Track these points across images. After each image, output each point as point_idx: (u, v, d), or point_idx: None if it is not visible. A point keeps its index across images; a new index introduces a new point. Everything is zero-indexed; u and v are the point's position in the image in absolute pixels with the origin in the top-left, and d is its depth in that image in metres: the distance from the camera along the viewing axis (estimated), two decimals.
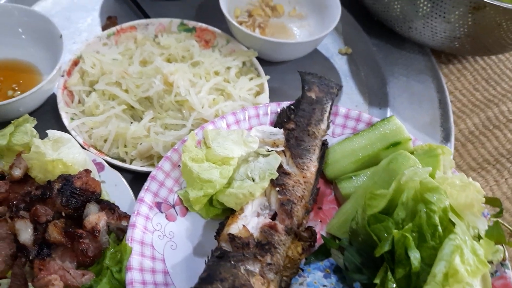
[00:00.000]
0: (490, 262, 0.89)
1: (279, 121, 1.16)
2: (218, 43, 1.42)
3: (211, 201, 1.04)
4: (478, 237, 0.89)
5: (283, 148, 1.08)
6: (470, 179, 0.90)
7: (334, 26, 1.38)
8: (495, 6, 1.22)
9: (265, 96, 1.28)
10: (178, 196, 1.04)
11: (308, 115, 1.14)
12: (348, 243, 0.97)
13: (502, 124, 1.43)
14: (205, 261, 0.92)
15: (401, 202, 0.90)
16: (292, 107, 1.17)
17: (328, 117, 1.17)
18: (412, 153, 1.04)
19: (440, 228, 0.84)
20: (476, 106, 1.48)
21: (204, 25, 1.42)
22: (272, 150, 1.07)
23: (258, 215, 0.98)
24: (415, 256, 0.83)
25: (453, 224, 0.85)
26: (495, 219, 0.92)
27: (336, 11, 1.42)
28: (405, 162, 0.98)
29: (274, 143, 1.10)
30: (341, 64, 1.52)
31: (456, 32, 1.34)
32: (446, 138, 1.34)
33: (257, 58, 1.37)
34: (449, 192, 0.88)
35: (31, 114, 1.13)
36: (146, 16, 1.51)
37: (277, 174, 1.01)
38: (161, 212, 1.02)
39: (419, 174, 0.88)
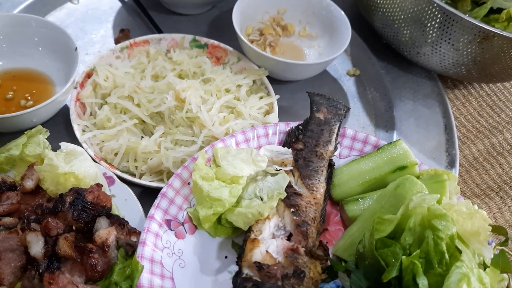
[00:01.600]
0: None
1: (288, 141, 1.18)
2: (229, 60, 1.44)
3: (219, 220, 1.05)
4: (484, 265, 0.91)
5: (291, 168, 1.10)
6: (476, 206, 0.92)
7: (344, 48, 1.40)
8: (504, 37, 1.25)
9: (274, 115, 1.30)
10: (187, 213, 1.05)
11: (316, 136, 1.16)
12: (355, 266, 0.98)
13: (506, 151, 1.45)
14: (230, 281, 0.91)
15: (408, 228, 0.91)
16: (301, 127, 1.19)
17: (336, 139, 1.18)
18: (418, 177, 1.06)
19: (447, 256, 0.85)
20: (480, 132, 1.50)
21: (216, 42, 1.43)
22: (280, 169, 1.08)
23: (274, 236, 0.99)
24: (423, 283, 0.84)
25: (460, 251, 0.86)
26: (501, 248, 0.93)
27: (347, 33, 1.44)
28: (412, 187, 0.99)
29: (283, 162, 1.11)
30: (349, 85, 1.54)
31: (463, 59, 1.36)
32: (451, 164, 1.36)
33: (267, 76, 1.38)
34: (456, 219, 0.89)
35: (43, 124, 1.14)
36: (159, 29, 1.53)
37: (285, 194, 1.02)
38: (171, 230, 1.03)
39: (427, 201, 0.89)
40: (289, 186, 1.05)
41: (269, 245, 0.95)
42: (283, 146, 1.17)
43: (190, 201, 1.07)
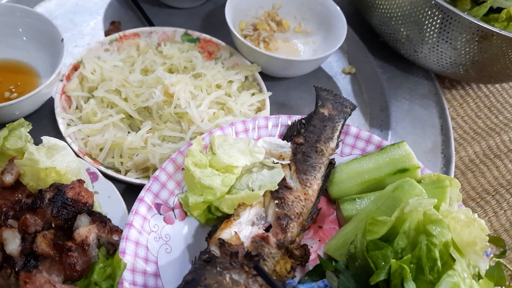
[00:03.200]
0: None
1: (289, 134, 1.15)
2: (221, 55, 1.40)
3: (210, 209, 1.03)
4: (478, 276, 0.87)
5: (288, 162, 1.07)
6: (476, 215, 0.88)
7: (340, 45, 1.37)
8: (503, 36, 1.22)
9: (266, 112, 1.26)
10: (178, 199, 1.03)
11: (318, 132, 1.13)
12: (345, 266, 0.95)
13: (503, 153, 1.42)
14: (192, 261, 0.90)
15: (402, 231, 0.87)
16: (304, 121, 1.16)
17: (339, 136, 1.15)
18: (419, 181, 1.03)
19: (439, 263, 0.82)
20: (477, 134, 1.47)
21: (208, 37, 1.40)
22: (277, 163, 1.05)
23: (253, 224, 0.97)
24: None
25: (454, 260, 0.83)
26: (497, 260, 0.89)
27: (342, 30, 1.41)
28: (411, 191, 0.96)
29: (281, 155, 1.08)
30: (344, 84, 1.50)
31: (461, 58, 1.33)
32: (446, 165, 1.32)
33: (260, 73, 1.35)
34: (453, 226, 0.86)
35: (27, 118, 1.11)
36: (151, 23, 1.49)
37: (277, 187, 0.99)
38: (160, 214, 1.00)
39: (423, 205, 0.86)
40: (283, 179, 1.02)
41: (242, 230, 0.93)
42: (284, 139, 1.14)
43: (182, 187, 1.04)
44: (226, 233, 0.92)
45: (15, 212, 0.94)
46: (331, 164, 1.12)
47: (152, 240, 0.97)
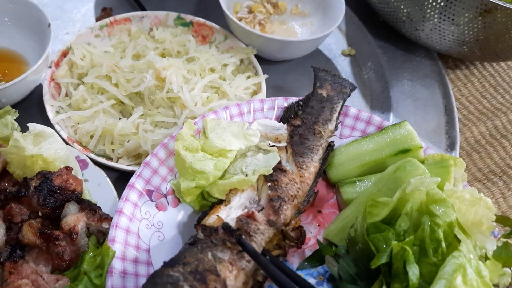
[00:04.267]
0: (496, 286, 0.83)
1: (286, 116, 1.11)
2: (215, 39, 1.36)
3: (203, 195, 1.00)
4: (485, 258, 0.83)
5: (285, 144, 1.03)
6: (482, 194, 0.84)
7: (337, 25, 1.32)
8: (507, 9, 1.16)
9: (262, 95, 1.22)
10: (171, 185, 1.00)
11: (316, 113, 1.09)
12: (345, 251, 0.91)
13: (510, 133, 1.37)
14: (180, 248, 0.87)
15: (404, 213, 0.84)
16: (301, 103, 1.12)
17: (338, 118, 1.11)
18: (422, 162, 0.98)
19: (443, 244, 0.79)
20: (483, 114, 1.42)
21: (202, 20, 1.36)
22: (273, 146, 1.01)
23: (245, 208, 0.93)
24: (413, 272, 0.77)
25: (459, 241, 0.79)
26: (505, 240, 0.85)
27: (340, 9, 1.36)
28: (413, 171, 0.92)
29: (277, 138, 1.04)
30: (343, 66, 1.45)
31: (465, 36, 1.28)
32: (451, 147, 1.28)
33: (256, 56, 1.31)
34: (458, 206, 0.82)
35: (15, 106, 1.08)
36: (143, 8, 1.45)
37: (272, 171, 0.96)
38: (152, 201, 0.97)
39: (425, 184, 0.82)
40: (278, 162, 0.98)
41: (231, 213, 0.90)
42: (280, 121, 1.10)
43: (175, 173, 1.01)
44: (212, 218, 0.89)
45: (0, 201, 0.90)
46: (330, 146, 1.07)
47: (144, 227, 0.94)
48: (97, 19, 1.43)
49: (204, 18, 1.36)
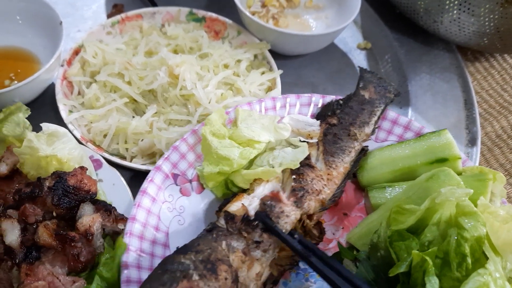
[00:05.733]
0: None
1: (322, 113, 1.08)
2: (228, 34, 1.34)
3: (227, 186, 0.99)
4: None
5: (316, 141, 1.01)
6: None
7: (353, 18, 1.29)
8: None
9: (277, 91, 1.20)
10: (197, 171, 0.99)
11: (355, 114, 1.06)
12: (366, 257, 0.88)
13: None
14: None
15: (432, 223, 0.81)
16: (341, 102, 1.09)
17: (376, 122, 1.07)
18: (459, 174, 0.93)
19: (469, 259, 0.75)
20: (504, 108, 1.37)
21: (214, 15, 1.33)
22: (304, 141, 0.99)
23: None
24: (432, 284, 0.74)
25: (486, 258, 0.75)
26: None
27: (356, 2, 1.33)
28: (446, 181, 0.88)
29: (309, 134, 1.02)
30: (359, 60, 1.42)
31: (485, 27, 1.24)
32: (471, 142, 1.24)
33: (270, 51, 1.28)
34: (490, 223, 0.78)
35: (28, 105, 1.06)
36: (154, 4, 1.43)
37: (298, 165, 0.93)
38: (176, 185, 0.98)
39: (456, 195, 0.79)
40: (307, 158, 0.96)
41: (253, 203, 0.88)
42: (316, 118, 1.08)
43: (202, 160, 1.00)
44: (234, 206, 0.88)
45: (15, 202, 0.89)
46: (364, 150, 1.04)
47: (166, 210, 0.95)
48: (109, 16, 1.42)
49: (217, 13, 1.34)
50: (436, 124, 1.27)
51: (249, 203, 0.88)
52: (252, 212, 0.86)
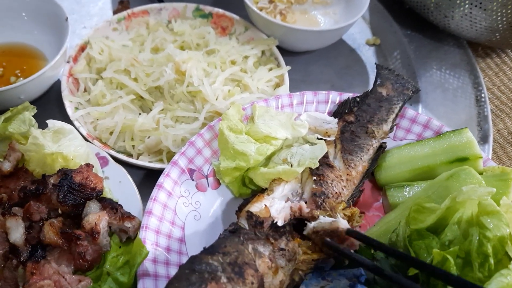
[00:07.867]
0: None
1: (339, 110, 1.07)
2: (235, 30, 1.32)
3: (244, 182, 0.99)
4: None
5: (334, 139, 1.00)
6: None
7: (362, 13, 1.27)
8: None
9: (285, 88, 1.18)
10: (213, 167, 0.99)
11: (372, 112, 1.05)
12: (384, 256, 0.86)
13: None
14: (220, 234, 0.85)
15: (452, 222, 0.79)
16: (358, 99, 1.08)
17: (394, 119, 1.06)
18: (480, 174, 0.91)
19: (491, 260, 0.73)
20: None
21: (221, 11, 1.32)
22: (322, 139, 0.98)
23: (287, 200, 0.91)
24: None
25: (510, 258, 0.73)
26: None
27: None
28: (467, 180, 0.86)
29: (326, 132, 1.01)
30: (368, 56, 1.40)
31: (497, 22, 1.22)
32: (483, 139, 1.22)
33: (278, 47, 1.26)
34: None
35: (33, 102, 1.06)
36: (160, 0, 1.41)
37: (318, 164, 0.92)
38: (192, 180, 0.97)
39: (478, 194, 0.76)
40: (325, 156, 0.95)
41: (274, 204, 0.87)
42: (333, 115, 1.06)
43: (219, 156, 1.00)
44: (256, 206, 0.87)
45: (20, 199, 0.88)
46: (382, 147, 1.03)
47: (182, 204, 0.94)
48: (115, 12, 1.41)
49: (224, 9, 1.32)
50: (446, 121, 1.25)
51: (270, 204, 0.87)
52: (274, 214, 0.85)
